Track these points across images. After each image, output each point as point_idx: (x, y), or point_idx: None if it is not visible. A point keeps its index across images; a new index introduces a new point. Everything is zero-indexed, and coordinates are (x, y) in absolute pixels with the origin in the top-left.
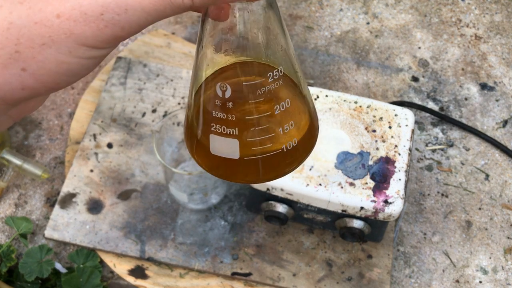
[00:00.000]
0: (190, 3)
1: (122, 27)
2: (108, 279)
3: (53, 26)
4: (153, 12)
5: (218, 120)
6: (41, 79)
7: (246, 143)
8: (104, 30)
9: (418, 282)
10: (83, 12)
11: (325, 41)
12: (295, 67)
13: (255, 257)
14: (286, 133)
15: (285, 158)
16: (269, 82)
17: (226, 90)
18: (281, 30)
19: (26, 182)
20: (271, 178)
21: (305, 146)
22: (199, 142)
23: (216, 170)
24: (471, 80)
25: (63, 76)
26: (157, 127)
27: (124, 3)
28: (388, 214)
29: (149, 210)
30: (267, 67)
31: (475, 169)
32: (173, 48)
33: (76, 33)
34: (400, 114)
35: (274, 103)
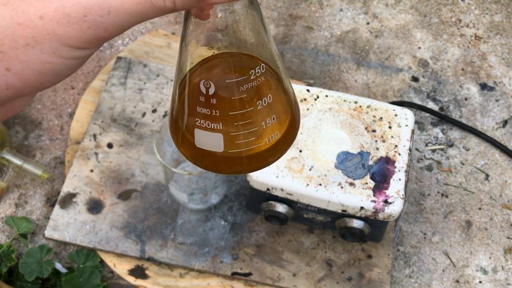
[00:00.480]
0: (172, 6)
1: (105, 29)
2: (108, 279)
3: (37, 27)
4: (135, 14)
5: (203, 116)
6: (25, 78)
7: (230, 137)
8: (87, 31)
9: (418, 282)
10: (66, 14)
11: (325, 41)
12: (277, 62)
13: (255, 257)
14: (269, 126)
15: (268, 150)
16: (252, 79)
17: (209, 87)
18: (263, 27)
19: (26, 182)
20: (254, 169)
21: (287, 138)
22: (184, 136)
23: (201, 162)
24: (471, 80)
25: (47, 76)
26: (157, 127)
27: (107, 5)
28: (388, 214)
29: (149, 210)
30: (249, 63)
31: (475, 169)
32: (173, 48)
33: (60, 34)
34: (400, 114)
35: (257, 99)
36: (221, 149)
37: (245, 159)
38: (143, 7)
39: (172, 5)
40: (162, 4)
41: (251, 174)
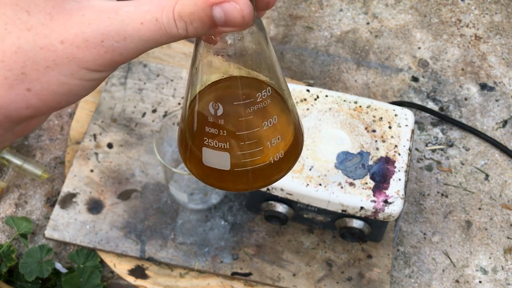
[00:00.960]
0: (184, 33)
1: (121, 53)
2: (108, 279)
3: (57, 51)
4: (149, 40)
5: (211, 135)
6: (44, 98)
7: (236, 156)
8: (104, 56)
9: (418, 282)
10: (85, 39)
11: (325, 41)
12: (281, 85)
13: (255, 257)
14: (274, 146)
15: (272, 169)
16: (258, 101)
17: (218, 108)
18: (269, 50)
19: (26, 182)
20: (259, 187)
21: (291, 156)
22: (192, 153)
23: (207, 179)
24: (471, 80)
25: (64, 96)
26: (157, 127)
27: (123, 31)
28: (388, 214)
29: (149, 210)
30: (256, 87)
31: (475, 169)
32: (173, 48)
33: (78, 58)
34: (400, 114)
35: (263, 120)
36: (228, 167)
37: (250, 177)
38: (157, 34)
39: (185, 33)
40: (175, 32)
41: None
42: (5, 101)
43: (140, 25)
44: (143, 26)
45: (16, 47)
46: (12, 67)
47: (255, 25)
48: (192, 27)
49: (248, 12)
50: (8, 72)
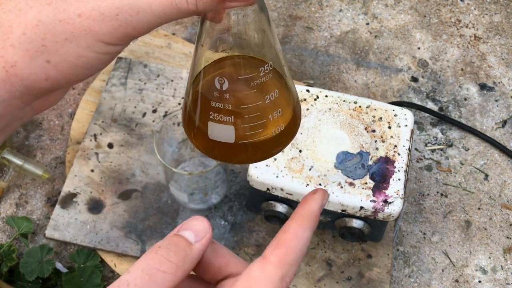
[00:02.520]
0: (194, 8)
1: (134, 27)
2: (108, 278)
3: (75, 24)
4: (161, 14)
5: (216, 109)
6: (62, 70)
7: (240, 129)
8: (119, 29)
9: (418, 281)
10: (101, 13)
11: (325, 41)
12: (282, 61)
13: (255, 257)
14: (275, 119)
15: (273, 141)
16: (261, 76)
17: (223, 83)
18: (270, 29)
19: (27, 182)
20: (260, 159)
21: (290, 131)
22: (198, 128)
23: (212, 153)
24: (471, 81)
25: (81, 68)
26: (158, 127)
27: (136, 6)
28: (387, 214)
29: (149, 210)
30: (258, 62)
31: (475, 169)
32: (173, 49)
33: (94, 30)
34: (399, 114)
35: (265, 94)
36: (232, 140)
37: (253, 150)
38: (168, 9)
39: (195, 8)
40: (185, 7)
41: (252, 174)
42: (26, 72)
43: (153, 0)
44: (155, 1)
45: (37, 20)
46: (33, 39)
47: (258, 4)
48: (202, 3)
49: None
50: (29, 44)
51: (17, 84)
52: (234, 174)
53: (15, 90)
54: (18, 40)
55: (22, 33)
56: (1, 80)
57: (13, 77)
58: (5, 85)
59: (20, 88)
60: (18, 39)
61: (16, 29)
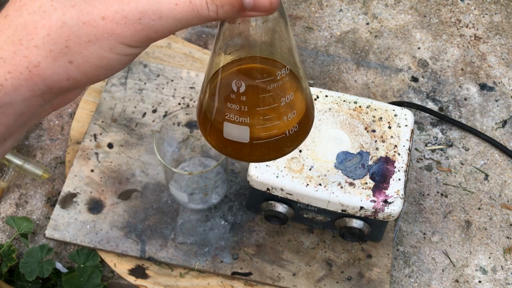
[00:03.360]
0: (215, 15)
1: (156, 31)
2: (108, 278)
3: (99, 27)
4: (182, 20)
5: (232, 110)
6: (84, 71)
7: (255, 130)
8: (141, 32)
9: (418, 281)
10: (124, 16)
11: (325, 41)
12: (298, 64)
13: (255, 257)
14: (289, 120)
15: (287, 141)
16: (277, 80)
17: (240, 86)
18: (287, 33)
19: (26, 182)
20: (273, 158)
21: (304, 130)
22: (213, 127)
23: (225, 150)
24: (471, 80)
25: (103, 69)
26: (158, 127)
27: (159, 11)
28: (387, 214)
29: (149, 210)
30: (276, 66)
31: (475, 169)
32: (173, 49)
33: (117, 33)
34: (399, 114)
35: (281, 96)
36: (247, 140)
37: (266, 149)
38: (190, 15)
39: (215, 15)
40: (206, 14)
41: (252, 174)
42: (49, 72)
43: (175, 6)
44: (177, 7)
45: (62, 22)
46: (57, 41)
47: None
48: (222, 10)
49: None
50: (53, 45)
51: (39, 83)
52: (234, 174)
53: (37, 89)
54: (43, 41)
55: (46, 34)
56: (24, 80)
57: (36, 77)
58: (28, 84)
59: (42, 87)
60: (43, 40)
61: (40, 30)
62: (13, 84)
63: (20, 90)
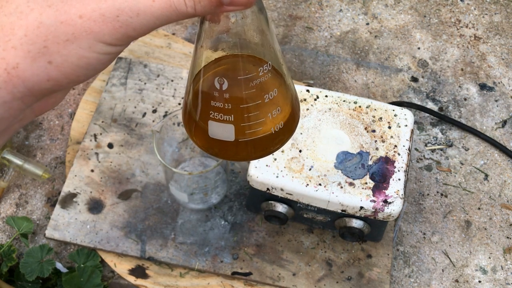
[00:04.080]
0: (192, 11)
1: (134, 28)
2: (108, 278)
3: (76, 25)
4: (160, 17)
5: (216, 109)
6: (64, 71)
7: (240, 128)
8: (119, 30)
9: (418, 281)
10: (102, 14)
11: (325, 41)
12: (280, 60)
13: (255, 257)
14: (274, 117)
15: (273, 139)
16: (260, 75)
17: (223, 83)
18: (268, 29)
19: (27, 182)
20: (260, 156)
21: (289, 128)
22: (198, 126)
23: (212, 150)
24: (470, 81)
25: (83, 69)
26: (158, 127)
27: (136, 8)
28: (387, 214)
29: (149, 210)
30: (257, 62)
31: (474, 169)
32: (173, 49)
33: (95, 31)
34: (399, 114)
35: (264, 93)
36: (232, 139)
37: (252, 147)
38: (167, 11)
39: (193, 11)
40: (184, 10)
41: (252, 174)
42: (28, 74)
43: (152, 2)
44: (154, 3)
45: (39, 22)
46: (35, 41)
47: (256, 4)
48: (200, 6)
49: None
50: (31, 46)
51: (19, 85)
52: (234, 174)
53: (17, 92)
54: (20, 41)
55: (23, 35)
56: (3, 82)
57: (15, 79)
58: (7, 87)
59: (22, 89)
60: (20, 40)
61: (17, 31)
62: None
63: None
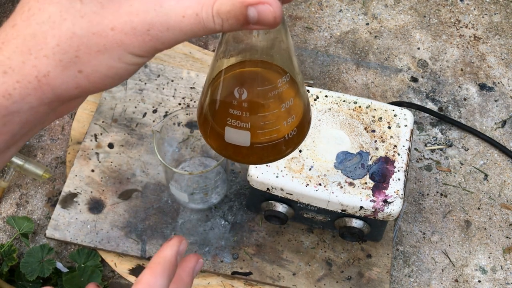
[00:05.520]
0: (220, 28)
1: (163, 42)
2: (109, 278)
3: (108, 37)
4: (189, 32)
5: (234, 116)
6: (93, 80)
7: (256, 134)
8: (149, 43)
9: (418, 281)
10: (133, 27)
11: (325, 41)
12: (297, 70)
13: (255, 257)
14: (289, 125)
15: (286, 144)
16: (279, 87)
17: (243, 93)
18: (287, 40)
19: (27, 182)
20: (272, 160)
21: (302, 133)
22: (214, 130)
23: (225, 153)
24: (470, 81)
25: (110, 78)
26: (158, 127)
27: (167, 23)
28: (387, 213)
29: (150, 210)
30: (277, 73)
31: (474, 169)
32: (173, 49)
33: (126, 43)
34: (399, 114)
35: (281, 102)
36: (248, 144)
37: (266, 152)
38: (196, 27)
39: (220, 28)
40: (212, 27)
41: (252, 174)
42: (58, 82)
43: (182, 18)
44: (184, 19)
45: (71, 32)
46: (67, 51)
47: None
48: (227, 23)
49: (279, 14)
50: (63, 55)
51: (48, 92)
52: (234, 174)
53: (45, 98)
54: (52, 51)
55: (56, 45)
56: (33, 89)
57: (45, 86)
58: (36, 93)
59: (51, 95)
60: (52, 50)
61: (50, 40)
62: (21, 93)
63: (28, 99)
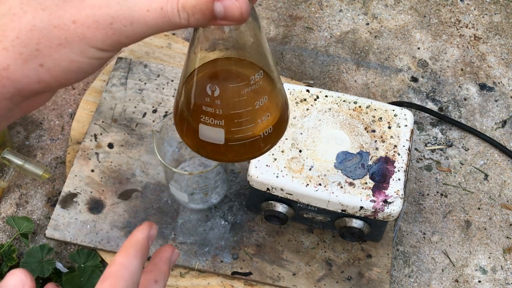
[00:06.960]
0: (186, 23)
1: (127, 36)
2: None
3: (69, 30)
4: (153, 26)
5: (207, 113)
6: (55, 74)
7: (230, 132)
8: (112, 37)
9: (418, 281)
10: (96, 20)
11: (325, 41)
12: (271, 67)
13: (255, 257)
14: (264, 122)
15: (262, 142)
16: (252, 84)
17: (215, 90)
18: (261, 36)
19: (27, 182)
20: (249, 158)
21: (278, 131)
22: (189, 128)
23: (202, 151)
24: (470, 81)
25: (73, 73)
26: (158, 127)
27: (130, 16)
28: (387, 213)
29: (149, 210)
30: (250, 69)
31: (474, 169)
32: (173, 49)
33: (88, 37)
34: (399, 114)
35: (255, 100)
36: (222, 142)
37: (242, 150)
38: (161, 21)
39: (186, 23)
40: (177, 21)
41: (252, 174)
42: (19, 75)
43: (146, 12)
44: (149, 13)
45: (32, 25)
46: (27, 44)
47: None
48: (193, 18)
49: (246, 9)
50: (23, 48)
51: (8, 86)
52: (234, 174)
53: (6, 92)
54: (12, 43)
55: (16, 37)
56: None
57: (4, 79)
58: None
59: (12, 90)
60: (12, 42)
61: (10, 33)
62: None
63: None
